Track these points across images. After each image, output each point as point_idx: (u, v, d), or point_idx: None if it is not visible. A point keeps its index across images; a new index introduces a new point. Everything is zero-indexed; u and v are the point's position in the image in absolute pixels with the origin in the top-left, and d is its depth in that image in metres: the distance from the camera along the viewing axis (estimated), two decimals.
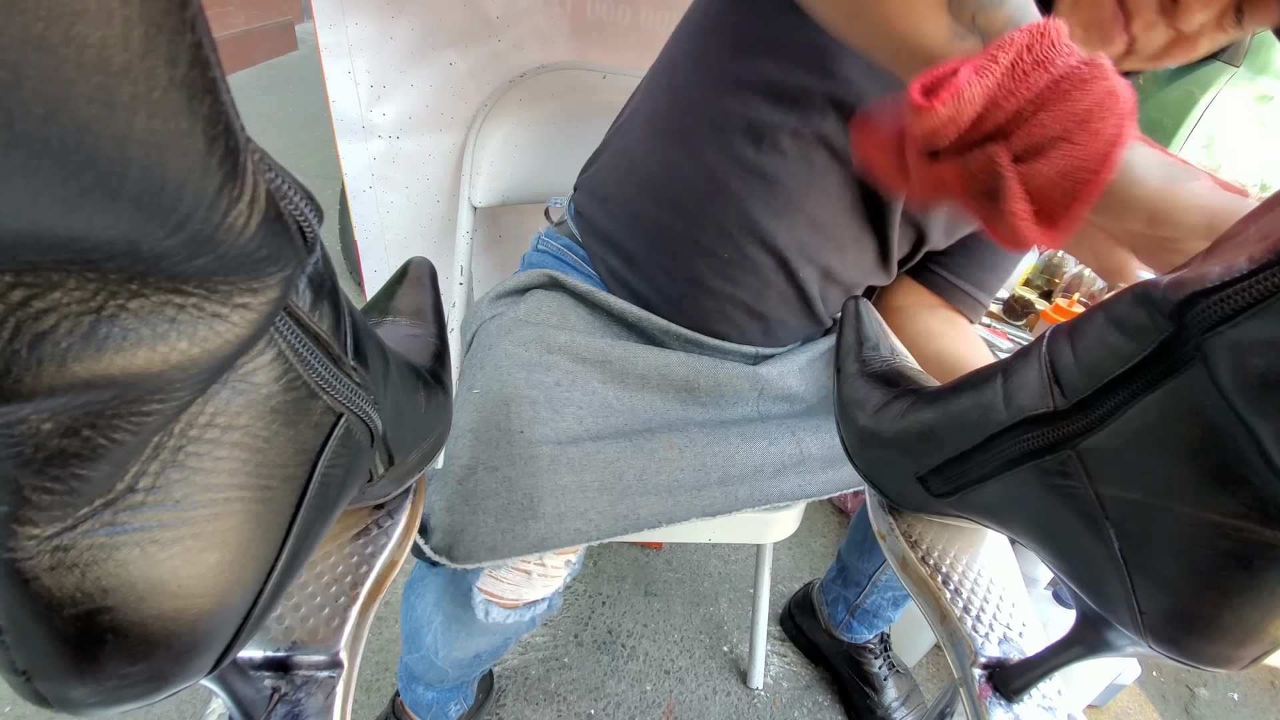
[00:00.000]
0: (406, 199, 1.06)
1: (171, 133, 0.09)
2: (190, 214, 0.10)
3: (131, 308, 0.11)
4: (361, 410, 0.20)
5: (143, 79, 0.09)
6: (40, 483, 0.12)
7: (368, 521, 0.34)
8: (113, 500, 0.14)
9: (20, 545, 0.13)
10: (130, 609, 0.14)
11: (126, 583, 0.14)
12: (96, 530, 0.14)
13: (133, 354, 0.12)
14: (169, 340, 0.12)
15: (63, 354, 0.11)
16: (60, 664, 0.15)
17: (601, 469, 0.57)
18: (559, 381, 0.60)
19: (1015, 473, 0.29)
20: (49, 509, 0.13)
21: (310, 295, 0.17)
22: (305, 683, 0.28)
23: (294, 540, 0.18)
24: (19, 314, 0.10)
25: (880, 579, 0.85)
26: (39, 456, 0.12)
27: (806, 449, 0.66)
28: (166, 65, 0.09)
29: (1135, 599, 0.23)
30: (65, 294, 0.11)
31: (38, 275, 0.10)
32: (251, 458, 0.16)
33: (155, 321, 0.12)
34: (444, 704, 0.81)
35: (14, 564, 0.13)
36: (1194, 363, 0.22)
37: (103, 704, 0.16)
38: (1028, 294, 1.22)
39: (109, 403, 0.12)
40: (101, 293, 0.11)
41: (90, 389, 0.11)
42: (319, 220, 0.14)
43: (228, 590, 0.16)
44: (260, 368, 0.15)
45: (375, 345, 0.23)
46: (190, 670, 0.17)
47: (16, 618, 0.14)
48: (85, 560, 0.14)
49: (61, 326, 0.11)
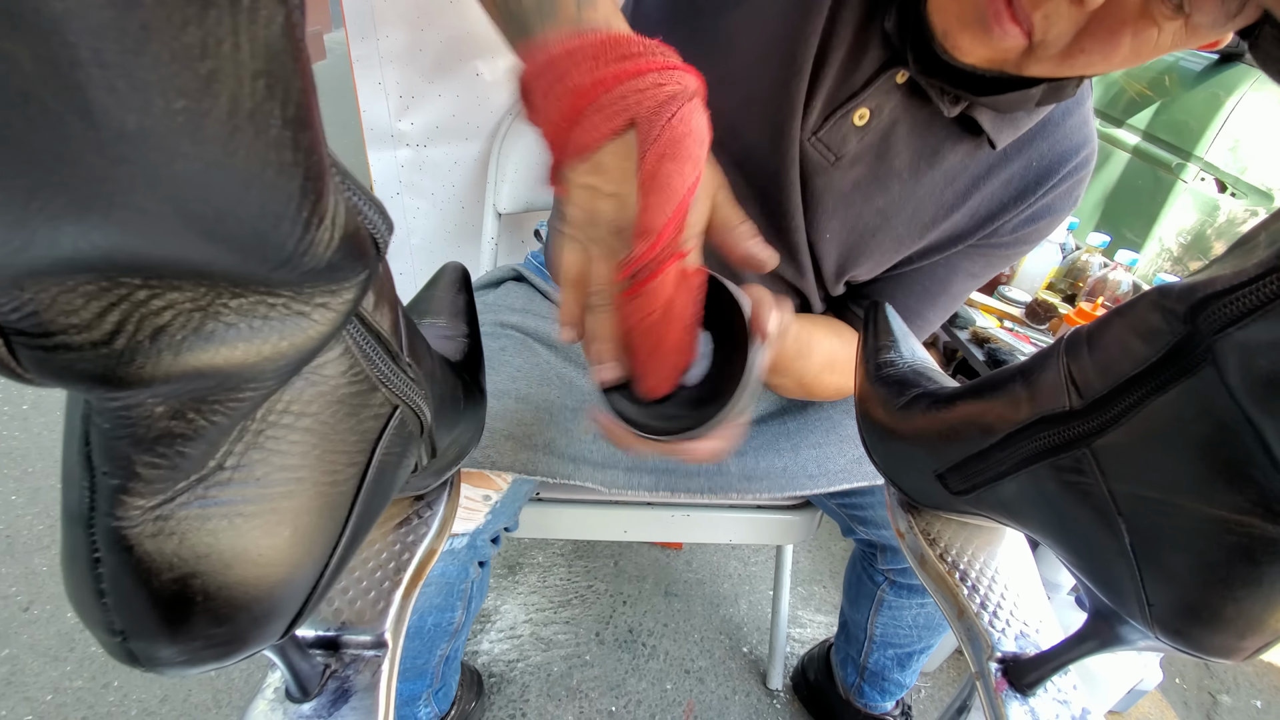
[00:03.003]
0: (432, 205, 1.09)
1: (276, 171, 0.11)
2: (283, 243, 0.12)
3: (233, 306, 0.13)
4: (414, 403, 0.22)
5: (262, 123, 0.10)
6: (149, 459, 0.14)
7: (409, 512, 0.36)
8: (205, 476, 0.15)
9: (127, 515, 0.15)
10: (219, 575, 0.16)
11: (216, 551, 0.16)
12: (191, 503, 0.15)
13: (233, 347, 0.13)
14: (263, 335, 0.13)
15: (177, 346, 0.13)
16: (155, 624, 0.16)
17: (514, 424, 0.60)
18: (504, 348, 0.66)
19: (1032, 470, 0.30)
20: (154, 482, 0.15)
21: (373, 297, 0.18)
22: (353, 661, 0.30)
23: (355, 519, 0.19)
24: (142, 310, 0.12)
25: (875, 632, 0.80)
26: (150, 435, 0.14)
27: (725, 466, 0.66)
28: (280, 107, 0.10)
29: (1144, 592, 0.24)
30: (181, 295, 0.12)
31: (161, 281, 0.12)
32: (320, 443, 0.18)
33: (252, 319, 0.13)
34: (411, 698, 0.74)
35: (120, 531, 0.15)
36: (1205, 364, 0.23)
37: (187, 664, 0.18)
38: (1051, 298, 1.21)
39: (211, 390, 0.14)
40: (209, 294, 0.13)
41: (198, 377, 0.13)
42: (389, 231, 0.16)
43: (299, 562, 0.18)
44: (330, 361, 0.17)
45: (423, 344, 0.25)
46: (265, 635, 0.18)
47: (119, 581, 0.16)
48: (182, 530, 0.15)
49: (176, 322, 0.13)
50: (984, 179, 0.54)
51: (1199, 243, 1.39)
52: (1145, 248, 1.49)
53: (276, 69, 0.10)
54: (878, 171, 0.53)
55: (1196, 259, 1.40)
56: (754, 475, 0.65)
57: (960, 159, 0.53)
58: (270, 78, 0.10)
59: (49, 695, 0.90)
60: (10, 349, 0.11)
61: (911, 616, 0.75)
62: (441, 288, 0.41)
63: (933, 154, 0.52)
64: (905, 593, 0.73)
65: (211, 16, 0.08)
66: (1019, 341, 1.16)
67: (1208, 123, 1.35)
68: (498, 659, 1.03)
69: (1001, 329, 1.20)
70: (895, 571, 0.72)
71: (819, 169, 0.52)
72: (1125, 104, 1.59)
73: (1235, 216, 1.33)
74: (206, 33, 0.08)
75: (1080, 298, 1.21)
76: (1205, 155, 1.36)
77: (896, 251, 0.58)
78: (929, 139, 0.52)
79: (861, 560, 0.79)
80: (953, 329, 1.21)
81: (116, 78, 0.08)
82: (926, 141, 0.52)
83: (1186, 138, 1.40)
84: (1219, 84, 1.36)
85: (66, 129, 0.08)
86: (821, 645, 1.02)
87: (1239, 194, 1.32)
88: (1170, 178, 1.44)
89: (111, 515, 0.15)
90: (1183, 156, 1.41)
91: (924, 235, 0.56)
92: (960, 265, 0.60)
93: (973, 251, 0.59)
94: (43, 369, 0.12)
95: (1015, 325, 1.22)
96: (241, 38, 0.09)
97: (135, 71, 0.08)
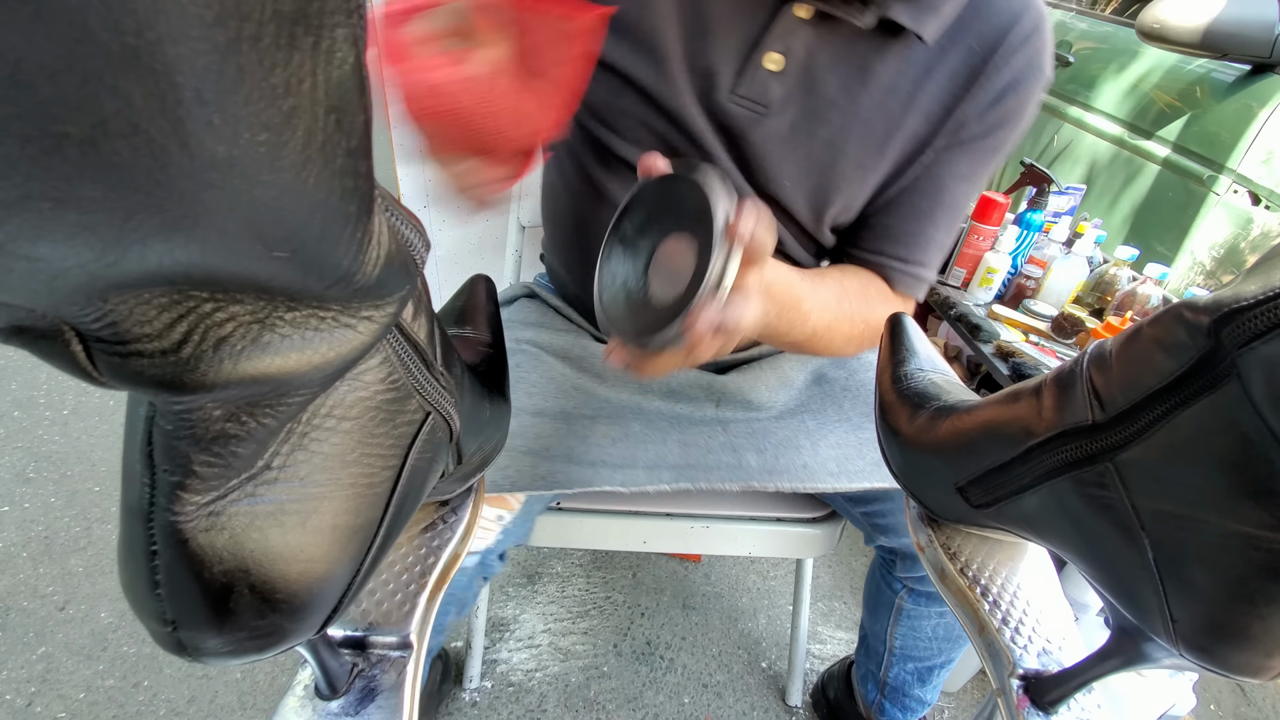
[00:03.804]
0: (458, 217, 1.12)
1: (339, 197, 0.12)
2: (339, 261, 0.13)
3: (287, 319, 0.14)
4: (445, 410, 0.23)
5: (330, 153, 0.11)
6: (206, 458, 0.15)
7: (434, 517, 0.37)
8: (254, 474, 0.16)
9: (183, 510, 0.16)
10: (265, 569, 0.17)
11: (263, 546, 0.17)
12: (241, 500, 0.17)
13: (286, 356, 0.14)
14: (313, 345, 0.14)
15: (237, 355, 0.14)
16: (204, 615, 0.17)
17: (533, 439, 0.61)
18: (519, 364, 0.66)
19: (1054, 484, 0.29)
20: (209, 480, 0.16)
21: (411, 308, 0.19)
22: (379, 661, 0.30)
23: (389, 520, 0.20)
24: (207, 321, 0.13)
25: (895, 643, 0.79)
26: (207, 436, 0.15)
27: (745, 462, 0.66)
28: (346, 139, 0.11)
29: (1168, 608, 0.24)
30: (242, 308, 0.13)
31: (226, 295, 0.13)
32: (358, 446, 0.19)
33: (304, 330, 0.14)
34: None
35: (176, 525, 0.16)
36: (1230, 378, 0.23)
37: (231, 654, 0.19)
38: (1078, 312, 1.19)
39: (265, 395, 0.15)
40: (267, 307, 0.14)
41: (254, 383, 0.14)
42: (426, 249, 0.17)
43: (337, 559, 0.19)
44: (370, 369, 0.18)
45: (454, 354, 0.26)
46: (303, 629, 0.19)
47: (173, 573, 0.17)
48: (232, 525, 0.16)
49: (237, 333, 0.14)
50: (925, 78, 0.53)
51: (1232, 256, 1.36)
52: (1176, 261, 1.46)
53: (345, 104, 0.11)
54: (811, 106, 0.53)
55: (1230, 273, 1.37)
56: (775, 469, 0.65)
57: (893, 66, 0.52)
58: (340, 113, 0.11)
59: (81, 694, 0.93)
60: (89, 356, 0.12)
61: (931, 627, 0.75)
62: (469, 299, 0.43)
63: (862, 72, 0.52)
64: (924, 600, 0.72)
65: (295, 60, 0.09)
66: (1045, 356, 1.14)
67: (1240, 134, 1.32)
68: (516, 668, 1.04)
69: (1027, 343, 1.19)
70: (914, 579, 0.72)
71: (751, 123, 0.53)
72: (1154, 115, 1.56)
73: (1270, 230, 1.30)
74: (291, 74, 0.09)
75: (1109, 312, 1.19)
76: (1238, 167, 1.34)
77: (864, 178, 0.57)
78: (853, 59, 0.52)
79: (881, 568, 0.78)
80: (976, 343, 1.20)
81: (213, 113, 0.09)
82: (851, 63, 0.52)
83: (1218, 149, 1.38)
84: (1252, 95, 1.34)
85: (167, 158, 0.09)
86: (842, 662, 1.01)
87: (1273, 206, 1.29)
88: (1202, 190, 1.41)
89: (170, 510, 0.16)
90: (1214, 169, 1.39)
91: (884, 152, 0.56)
92: (944, 172, 0.57)
93: (951, 154, 0.57)
94: (117, 374, 0.13)
95: (1041, 339, 1.21)
96: (319, 77, 0.10)
97: (229, 108, 0.09)
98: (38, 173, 0.08)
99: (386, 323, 0.16)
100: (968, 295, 1.33)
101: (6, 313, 0.11)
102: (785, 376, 0.73)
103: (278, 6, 0.09)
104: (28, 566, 1.09)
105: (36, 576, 1.07)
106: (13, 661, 0.95)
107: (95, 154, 0.08)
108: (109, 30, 0.08)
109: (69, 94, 0.08)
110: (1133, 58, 1.66)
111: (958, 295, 1.33)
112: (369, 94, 0.11)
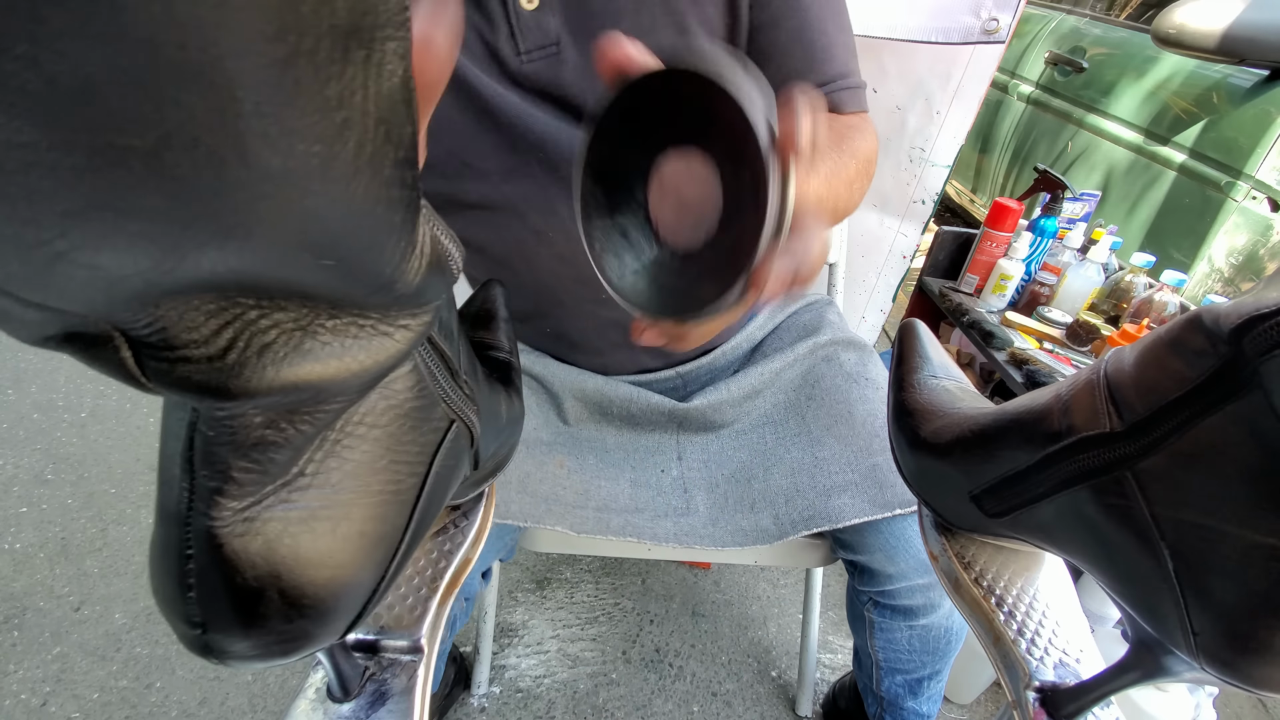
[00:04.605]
0: None
1: (386, 207, 0.12)
2: (383, 270, 0.13)
3: (329, 326, 0.14)
4: (468, 418, 0.23)
5: (379, 164, 0.11)
6: (244, 464, 0.16)
7: (446, 521, 0.37)
8: (289, 481, 0.17)
9: (220, 515, 0.16)
10: (295, 574, 0.17)
11: (294, 552, 0.17)
12: (275, 506, 0.17)
13: (326, 363, 0.15)
14: (352, 353, 0.15)
15: (280, 361, 0.14)
16: (234, 618, 0.18)
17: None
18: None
19: (1070, 493, 0.29)
20: (246, 485, 0.16)
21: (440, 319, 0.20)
22: (391, 664, 0.31)
23: (414, 527, 0.21)
24: (252, 328, 0.14)
25: (878, 656, 0.77)
26: (247, 442, 0.15)
27: (694, 505, 0.66)
28: (394, 150, 0.12)
29: (1188, 620, 0.24)
30: (285, 315, 0.14)
31: (271, 302, 0.13)
32: (387, 453, 0.19)
33: (344, 338, 0.15)
34: None
35: (212, 529, 0.17)
36: (1251, 387, 0.23)
37: (257, 657, 0.19)
38: (1093, 319, 1.18)
39: (304, 401, 0.15)
40: (309, 315, 0.14)
41: (295, 390, 0.14)
42: (462, 257, 0.17)
43: (363, 564, 0.19)
44: (400, 377, 0.18)
45: (475, 361, 0.26)
46: (327, 633, 0.20)
47: (206, 576, 0.17)
48: (265, 531, 0.17)
49: (280, 340, 0.14)
50: None
51: (1251, 263, 1.35)
52: (1194, 268, 1.44)
53: (394, 116, 0.11)
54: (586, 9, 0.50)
55: (1249, 280, 1.36)
56: (719, 522, 0.65)
57: None
58: (389, 124, 0.11)
59: (95, 694, 0.94)
60: (139, 362, 0.13)
61: (906, 639, 0.73)
62: (483, 304, 0.43)
63: None
64: (889, 614, 0.71)
65: (348, 73, 0.10)
66: (1059, 364, 1.14)
67: (1258, 140, 1.31)
68: (524, 674, 1.04)
69: (1041, 350, 1.18)
70: (876, 593, 0.71)
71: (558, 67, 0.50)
72: (1171, 121, 1.55)
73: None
74: (344, 86, 0.10)
75: (1124, 319, 1.18)
76: (1256, 174, 1.32)
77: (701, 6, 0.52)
78: None
79: (850, 582, 0.78)
80: (990, 350, 1.19)
81: (270, 125, 0.09)
82: None
83: (1236, 155, 1.36)
84: (1270, 101, 1.32)
85: (225, 168, 0.09)
86: (852, 673, 1.00)
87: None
88: (1219, 196, 1.40)
89: (207, 515, 0.16)
90: (1232, 175, 1.38)
91: None
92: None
93: None
94: (163, 379, 0.13)
95: (1055, 346, 1.20)
96: (370, 90, 0.10)
97: (285, 120, 0.09)
98: (103, 184, 0.09)
99: (422, 331, 0.16)
100: (981, 302, 1.32)
101: (61, 319, 0.12)
102: (749, 388, 0.73)
103: (333, 21, 0.09)
104: (44, 567, 1.10)
105: (53, 577, 1.09)
106: (29, 661, 0.97)
107: (158, 166, 0.09)
108: (175, 47, 0.08)
109: (135, 108, 0.08)
110: (1148, 63, 1.65)
111: (970, 302, 1.32)
112: (416, 106, 0.12)
